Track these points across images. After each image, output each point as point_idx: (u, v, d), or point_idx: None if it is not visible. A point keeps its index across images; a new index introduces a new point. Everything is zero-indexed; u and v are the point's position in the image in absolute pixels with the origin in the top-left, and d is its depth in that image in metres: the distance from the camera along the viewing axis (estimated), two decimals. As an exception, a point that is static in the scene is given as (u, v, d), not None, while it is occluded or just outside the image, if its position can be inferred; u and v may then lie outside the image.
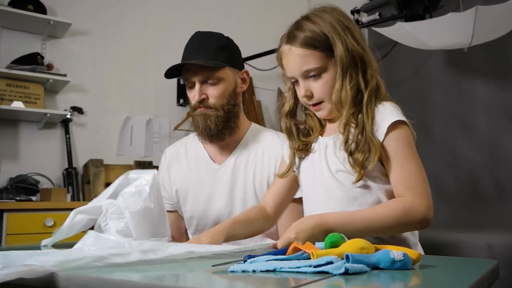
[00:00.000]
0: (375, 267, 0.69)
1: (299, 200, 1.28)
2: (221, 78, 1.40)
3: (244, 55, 3.54)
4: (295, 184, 1.20)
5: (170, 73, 1.43)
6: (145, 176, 1.15)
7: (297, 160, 1.14)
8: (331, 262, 0.67)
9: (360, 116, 1.00)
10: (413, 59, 3.27)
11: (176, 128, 3.46)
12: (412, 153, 0.98)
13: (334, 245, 0.75)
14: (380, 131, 0.98)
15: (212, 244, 1.00)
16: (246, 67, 3.60)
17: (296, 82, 1.07)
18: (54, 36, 3.09)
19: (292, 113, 1.13)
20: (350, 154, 0.98)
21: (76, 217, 1.16)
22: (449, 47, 2.72)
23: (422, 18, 2.89)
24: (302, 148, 1.11)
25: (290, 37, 1.04)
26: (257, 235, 1.25)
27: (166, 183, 1.55)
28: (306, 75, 1.03)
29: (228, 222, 1.13)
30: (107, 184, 3.08)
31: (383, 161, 0.99)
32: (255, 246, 1.03)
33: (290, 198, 1.24)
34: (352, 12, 3.46)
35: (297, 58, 1.02)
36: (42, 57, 2.91)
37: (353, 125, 0.99)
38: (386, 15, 3.27)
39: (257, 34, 3.99)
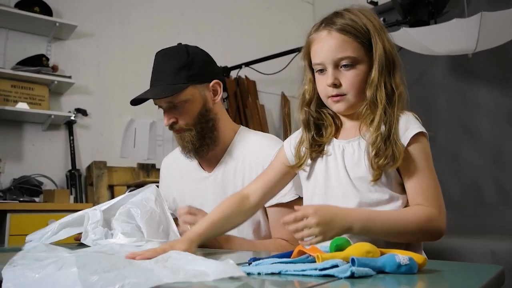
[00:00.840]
0: (380, 271, 0.69)
1: (290, 205, 1.26)
2: (187, 100, 1.35)
3: (248, 59, 3.62)
4: (287, 178, 1.16)
5: (136, 101, 1.39)
6: (148, 189, 1.26)
7: (308, 160, 1.09)
8: (336, 266, 0.67)
9: (383, 121, 0.98)
10: (418, 64, 3.27)
11: (179, 131, 3.46)
12: (431, 166, 0.98)
13: (340, 248, 0.75)
14: (403, 140, 0.97)
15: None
16: (250, 71, 3.69)
17: (321, 71, 1.03)
18: (59, 38, 3.11)
19: (310, 105, 1.09)
20: (375, 155, 0.96)
21: (61, 231, 1.19)
22: (454, 53, 2.72)
23: (426, 23, 2.89)
24: (315, 149, 1.07)
25: (329, 23, 1.01)
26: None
27: (165, 193, 1.55)
28: (338, 63, 1.00)
29: (204, 226, 1.05)
30: (110, 186, 3.10)
31: (401, 170, 0.98)
32: None
33: (278, 191, 1.18)
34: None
35: (335, 43, 0.99)
36: (47, 59, 2.92)
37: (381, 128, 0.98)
38: (390, 21, 3.27)
39: (261, 38, 4.01)
